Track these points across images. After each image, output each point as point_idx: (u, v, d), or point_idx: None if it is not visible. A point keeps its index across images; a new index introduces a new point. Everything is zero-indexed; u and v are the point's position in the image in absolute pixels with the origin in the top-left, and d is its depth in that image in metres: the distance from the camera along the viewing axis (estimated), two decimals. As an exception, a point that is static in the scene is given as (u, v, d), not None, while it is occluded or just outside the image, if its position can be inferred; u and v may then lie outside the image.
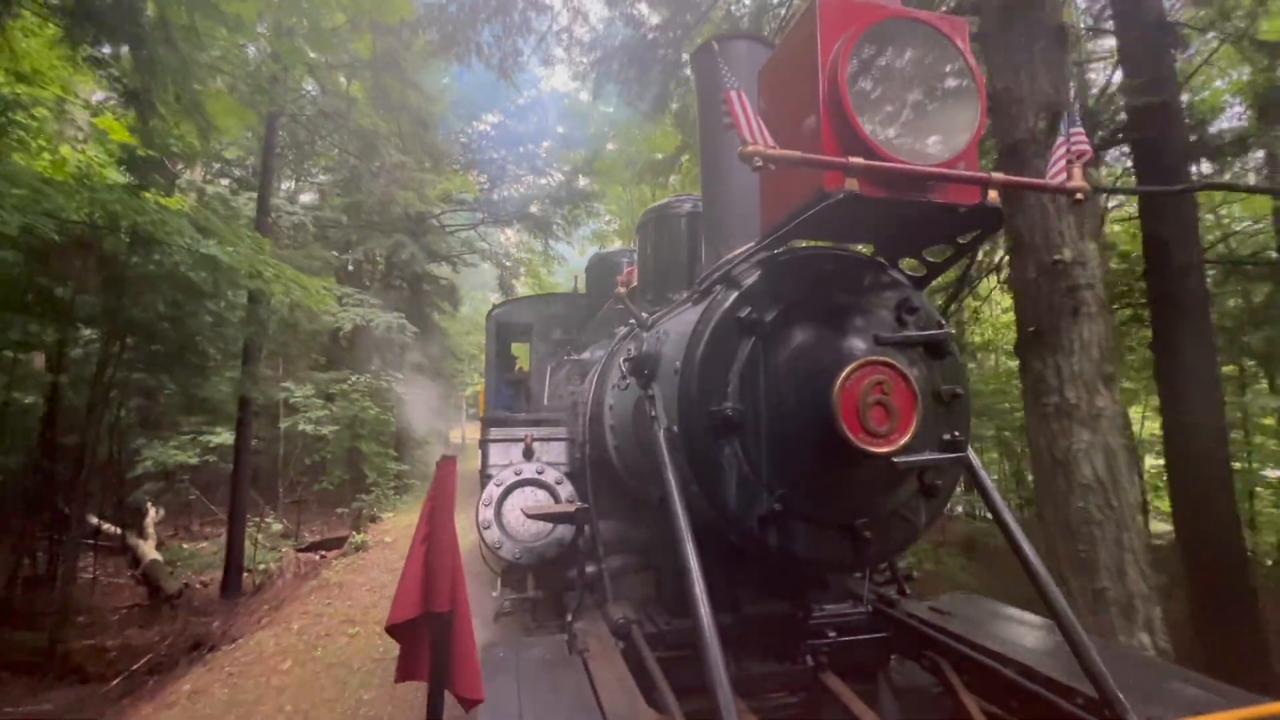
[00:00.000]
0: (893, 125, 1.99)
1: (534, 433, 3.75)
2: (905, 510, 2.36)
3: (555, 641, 2.46)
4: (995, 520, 2.36)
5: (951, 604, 2.89)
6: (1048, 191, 2.10)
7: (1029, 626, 2.68)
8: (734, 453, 2.20)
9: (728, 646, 1.88)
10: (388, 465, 11.44)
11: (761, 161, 1.80)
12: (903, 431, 2.02)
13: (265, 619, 6.64)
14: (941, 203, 2.03)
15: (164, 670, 5.77)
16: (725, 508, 2.18)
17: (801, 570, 2.60)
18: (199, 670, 5.73)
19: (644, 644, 2.46)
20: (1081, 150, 2.01)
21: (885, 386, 2.02)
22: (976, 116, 1.98)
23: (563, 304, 7.72)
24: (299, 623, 6.69)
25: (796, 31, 2.12)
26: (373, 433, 10.74)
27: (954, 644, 2.55)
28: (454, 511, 1.42)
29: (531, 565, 3.26)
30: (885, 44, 1.97)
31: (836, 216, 2.01)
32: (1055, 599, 2.09)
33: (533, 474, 3.46)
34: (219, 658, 5.91)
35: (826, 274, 2.36)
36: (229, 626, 6.50)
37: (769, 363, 2.24)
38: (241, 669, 5.59)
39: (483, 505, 3.32)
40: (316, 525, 10.27)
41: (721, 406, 2.17)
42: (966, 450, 2.36)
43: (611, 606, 2.80)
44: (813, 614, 2.73)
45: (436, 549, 1.37)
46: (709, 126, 3.08)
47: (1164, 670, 2.28)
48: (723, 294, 2.34)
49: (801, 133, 2.01)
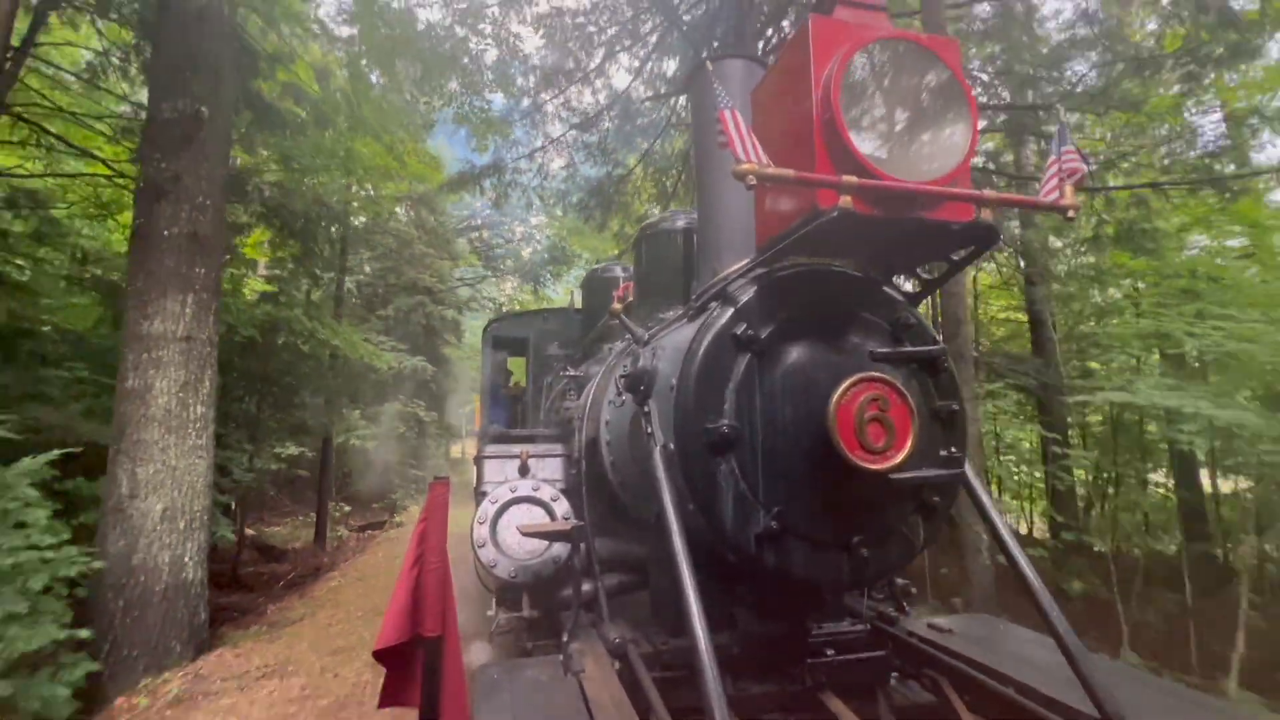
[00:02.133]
0: (886, 143, 2.00)
1: (530, 449, 3.72)
2: (903, 528, 2.34)
3: (551, 662, 2.42)
4: (993, 537, 2.35)
5: (951, 621, 2.87)
6: (1040, 209, 2.11)
7: (1030, 644, 2.65)
8: (730, 470, 2.18)
9: (725, 666, 1.86)
10: (409, 471, 15.59)
11: (755, 180, 1.81)
12: (899, 448, 2.01)
13: (353, 558, 10.40)
14: (935, 220, 2.04)
15: (300, 585, 8.61)
16: (721, 526, 2.17)
17: (799, 589, 2.57)
18: (326, 581, 8.75)
19: (640, 664, 2.42)
20: (1073, 169, 2.02)
21: (882, 403, 2.01)
22: (969, 134, 2.00)
23: (559, 319, 7.71)
24: (382, 552, 10.67)
25: (790, 51, 2.14)
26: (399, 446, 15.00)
27: (954, 662, 2.53)
28: (446, 534, 1.40)
29: (527, 584, 3.22)
30: (877, 64, 1.99)
31: (831, 234, 2.02)
32: (1054, 616, 2.07)
33: (528, 491, 3.43)
34: (335, 575, 9.09)
35: (822, 291, 2.37)
36: (331, 564, 9.87)
37: (765, 379, 2.24)
38: (359, 576, 9.01)
39: (477, 523, 3.28)
40: (357, 516, 14.26)
41: (717, 424, 2.16)
42: (964, 466, 2.35)
43: (608, 626, 2.77)
44: (811, 632, 2.70)
45: (427, 571, 1.35)
46: (704, 145, 3.10)
47: (1165, 689, 2.26)
48: (718, 311, 2.34)
49: (796, 150, 2.02)
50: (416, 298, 13.77)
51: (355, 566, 9.73)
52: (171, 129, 5.81)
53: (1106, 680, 1.92)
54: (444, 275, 15.27)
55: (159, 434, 5.50)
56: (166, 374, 5.56)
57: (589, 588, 3.05)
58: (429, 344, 15.23)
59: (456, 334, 17.19)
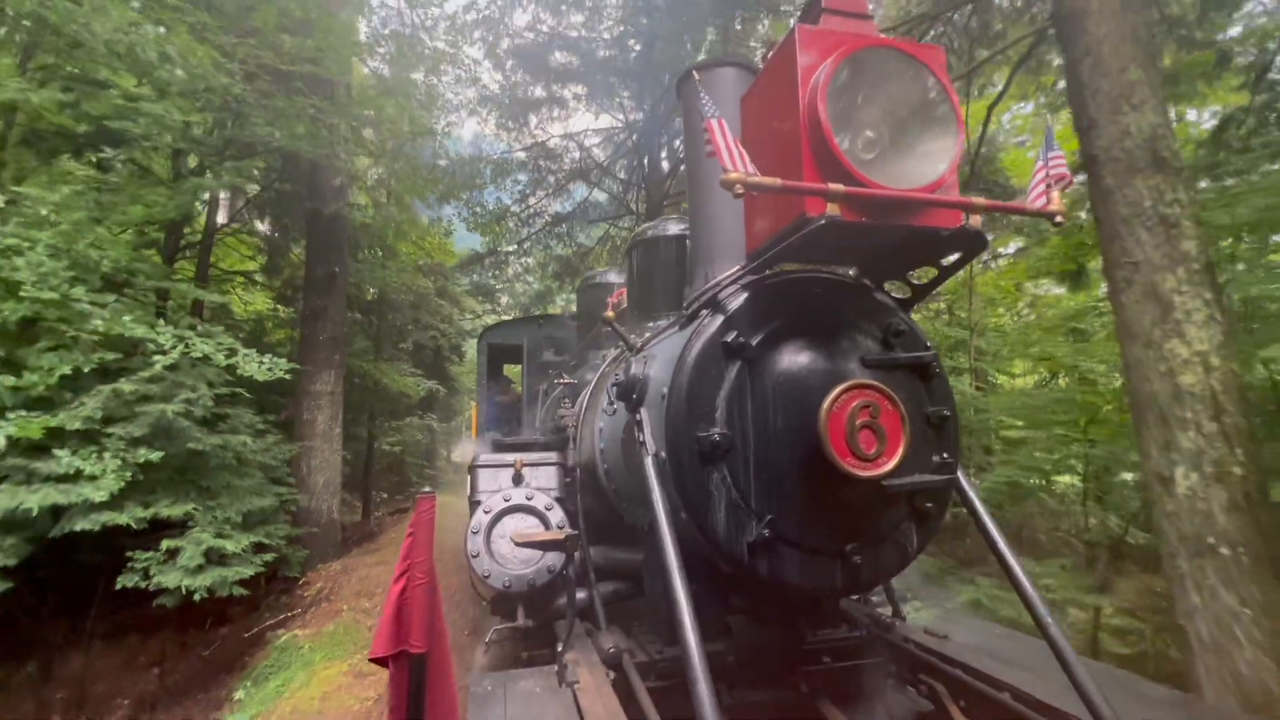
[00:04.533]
0: (873, 151, 2.01)
1: (524, 457, 3.71)
2: (897, 534, 2.34)
3: (545, 673, 2.41)
4: (986, 541, 2.34)
5: (947, 627, 2.86)
6: (1027, 215, 2.12)
7: (1025, 649, 2.65)
8: (722, 479, 2.18)
9: (721, 675, 1.84)
10: (424, 470, 19.92)
11: (742, 188, 1.81)
12: (891, 454, 2.01)
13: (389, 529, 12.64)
14: (923, 226, 2.04)
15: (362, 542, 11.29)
16: (714, 535, 2.16)
17: (793, 597, 2.56)
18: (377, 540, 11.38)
19: (635, 674, 2.41)
20: (1060, 174, 2.03)
21: (873, 409, 2.01)
22: (955, 141, 2.00)
23: (554, 326, 7.71)
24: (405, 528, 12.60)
25: (777, 59, 2.15)
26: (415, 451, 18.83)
27: (950, 668, 2.52)
28: (433, 548, 1.39)
29: (521, 594, 3.20)
30: (864, 72, 2.00)
31: (820, 241, 2.02)
32: (1047, 622, 2.07)
33: (522, 500, 3.42)
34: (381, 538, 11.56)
35: (812, 297, 2.36)
36: (379, 530, 12.58)
37: (756, 387, 2.23)
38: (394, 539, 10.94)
39: (471, 533, 3.27)
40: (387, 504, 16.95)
41: (709, 432, 2.16)
42: (956, 472, 2.35)
43: (603, 635, 2.76)
44: (806, 640, 2.69)
45: (414, 586, 1.33)
46: (694, 152, 3.10)
47: (1156, 694, 2.25)
48: (709, 318, 2.34)
49: (783, 158, 2.02)
50: (430, 332, 17.62)
51: (390, 536, 12.39)
52: (320, 281, 10.24)
53: (1100, 685, 1.91)
54: (452, 319, 19.37)
55: (319, 443, 9.88)
56: (323, 412, 10.00)
57: (584, 596, 3.04)
58: (436, 364, 18.49)
59: (459, 354, 21.03)
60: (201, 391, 6.69)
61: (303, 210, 10.36)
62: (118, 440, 6.00)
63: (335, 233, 10.29)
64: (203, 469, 7.04)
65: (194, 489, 6.90)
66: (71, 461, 5.59)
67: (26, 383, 5.66)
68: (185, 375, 6.63)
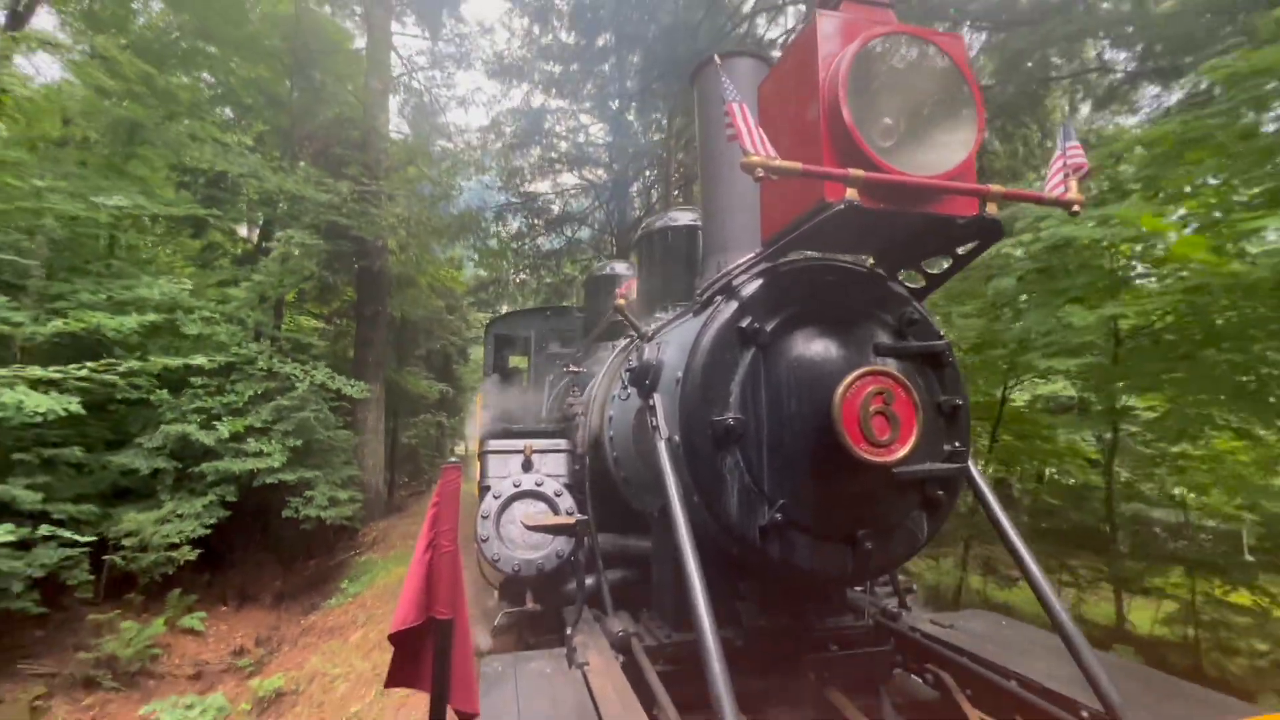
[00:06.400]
0: (892, 138, 2.01)
1: (533, 444, 3.73)
2: (908, 522, 2.35)
3: (555, 655, 2.43)
4: (996, 531, 2.36)
5: (953, 616, 2.87)
6: (1045, 204, 2.12)
7: (1032, 639, 2.66)
8: (735, 463, 2.19)
9: (729, 661, 1.86)
10: (434, 459, 21.94)
11: (763, 172, 1.82)
12: (904, 441, 2.02)
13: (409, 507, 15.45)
14: (940, 214, 2.05)
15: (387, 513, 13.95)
16: (726, 518, 2.17)
17: (803, 582, 2.58)
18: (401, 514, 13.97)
19: (644, 657, 2.43)
20: (1078, 164, 2.03)
21: (886, 396, 2.02)
22: (974, 129, 2.01)
23: (561, 317, 7.73)
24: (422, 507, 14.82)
25: (797, 46, 2.15)
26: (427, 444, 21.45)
27: (957, 657, 2.53)
28: (457, 518, 1.41)
29: (530, 578, 3.22)
30: (884, 59, 2.00)
31: (836, 227, 2.03)
32: (1058, 611, 2.08)
33: (531, 486, 3.44)
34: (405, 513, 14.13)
35: (826, 284, 2.37)
36: (401, 507, 15.19)
37: (770, 373, 2.24)
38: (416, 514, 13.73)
39: (481, 518, 3.29)
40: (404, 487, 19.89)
41: (723, 417, 2.17)
42: (968, 461, 2.36)
43: (611, 619, 2.77)
44: (814, 627, 2.70)
45: (440, 555, 1.35)
46: (709, 139, 3.11)
47: (1167, 683, 2.26)
48: (723, 304, 2.35)
49: (802, 144, 2.03)
50: (441, 343, 20.14)
51: (413, 509, 15.19)
52: (367, 318, 13.50)
53: (1110, 675, 1.92)
54: (460, 331, 21.78)
55: (370, 436, 12.93)
56: (371, 413, 13.05)
57: (592, 581, 3.06)
58: (445, 369, 21.16)
59: (464, 357, 23.19)
60: (321, 406, 10.71)
61: (353, 266, 13.72)
62: (279, 433, 9.91)
63: (379, 282, 13.59)
64: (320, 451, 10.99)
65: (317, 463, 10.85)
66: (257, 445, 9.52)
67: (229, 400, 9.65)
68: (308, 392, 10.46)
